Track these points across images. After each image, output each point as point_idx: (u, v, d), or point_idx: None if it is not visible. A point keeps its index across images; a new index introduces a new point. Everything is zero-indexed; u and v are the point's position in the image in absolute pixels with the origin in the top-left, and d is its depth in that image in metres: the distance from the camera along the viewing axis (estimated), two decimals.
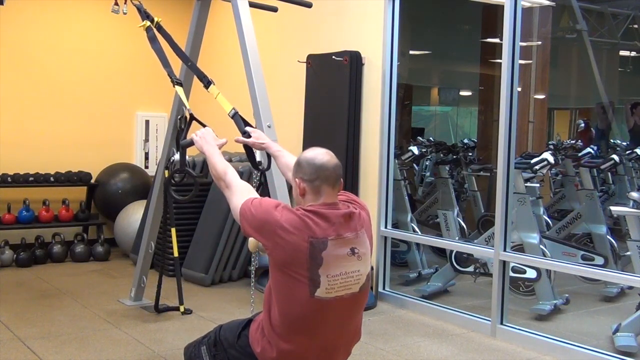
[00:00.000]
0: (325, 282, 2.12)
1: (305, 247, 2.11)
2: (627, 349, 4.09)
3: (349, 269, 2.17)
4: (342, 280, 2.15)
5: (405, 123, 8.16)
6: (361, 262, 2.21)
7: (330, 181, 2.22)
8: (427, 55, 9.28)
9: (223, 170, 2.43)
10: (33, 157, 6.70)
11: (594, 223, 5.72)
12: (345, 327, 2.27)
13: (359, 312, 2.32)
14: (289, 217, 2.14)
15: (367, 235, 2.27)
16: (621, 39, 8.12)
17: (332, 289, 2.13)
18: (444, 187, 6.29)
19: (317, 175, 2.20)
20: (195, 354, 2.46)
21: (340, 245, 2.16)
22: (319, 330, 2.20)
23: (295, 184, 2.26)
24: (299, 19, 5.91)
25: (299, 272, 2.12)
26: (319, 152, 2.27)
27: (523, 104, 6.40)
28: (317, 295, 2.12)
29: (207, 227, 5.82)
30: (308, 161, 2.24)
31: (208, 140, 2.61)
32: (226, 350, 2.37)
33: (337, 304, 2.17)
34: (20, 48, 6.68)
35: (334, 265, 2.14)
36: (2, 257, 6.20)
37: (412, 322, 4.83)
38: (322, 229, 2.14)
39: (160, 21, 4.08)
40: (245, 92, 4.01)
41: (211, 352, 2.41)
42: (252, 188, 2.37)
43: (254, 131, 2.88)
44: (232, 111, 3.16)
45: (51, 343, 4.15)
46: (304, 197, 2.24)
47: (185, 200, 4.49)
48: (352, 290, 2.19)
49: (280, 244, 2.12)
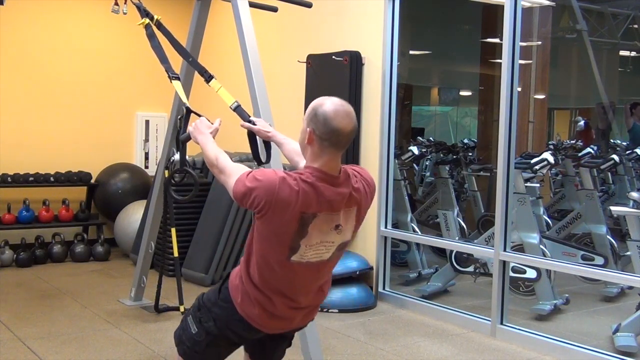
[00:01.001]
0: (303, 249, 2.20)
1: (295, 222, 2.15)
2: (627, 349, 4.09)
3: (326, 239, 2.23)
4: (315, 249, 2.23)
5: (405, 123, 8.15)
6: (340, 235, 2.26)
7: (339, 146, 2.18)
8: (427, 55, 9.28)
9: (215, 156, 2.41)
10: (33, 157, 6.70)
11: (594, 223, 5.72)
12: (308, 287, 2.34)
13: (324, 277, 2.39)
14: (285, 190, 2.12)
15: (359, 211, 2.28)
16: (621, 39, 8.12)
17: (306, 255, 2.22)
18: (444, 187, 6.29)
19: (330, 137, 2.14)
20: (183, 328, 2.47)
21: (328, 221, 2.20)
22: (287, 287, 2.29)
23: (306, 131, 2.18)
24: (299, 19, 5.91)
25: (283, 240, 2.18)
26: (340, 111, 2.15)
27: (523, 104, 6.40)
28: (292, 259, 2.21)
29: (207, 227, 5.82)
30: (326, 118, 2.13)
31: (201, 130, 2.58)
32: (210, 310, 2.39)
33: (305, 268, 2.25)
34: (20, 48, 6.68)
35: (315, 236, 2.20)
36: (2, 257, 6.20)
37: (412, 322, 4.83)
38: (315, 204, 2.15)
39: (160, 19, 4.08)
40: (245, 92, 4.01)
41: (196, 317, 2.42)
42: (245, 167, 2.32)
43: (259, 120, 2.88)
44: (235, 104, 3.15)
45: (51, 343, 4.15)
46: (310, 146, 2.18)
47: (185, 200, 4.48)
48: (322, 258, 2.27)
49: (273, 216, 2.14)
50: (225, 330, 2.36)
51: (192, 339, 2.40)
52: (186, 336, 2.43)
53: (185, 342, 2.43)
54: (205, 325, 2.37)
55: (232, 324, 2.35)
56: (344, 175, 2.23)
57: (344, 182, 2.22)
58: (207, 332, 2.37)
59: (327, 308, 4.99)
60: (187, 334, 2.42)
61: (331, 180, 2.18)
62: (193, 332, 2.40)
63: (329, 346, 4.21)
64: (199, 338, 2.38)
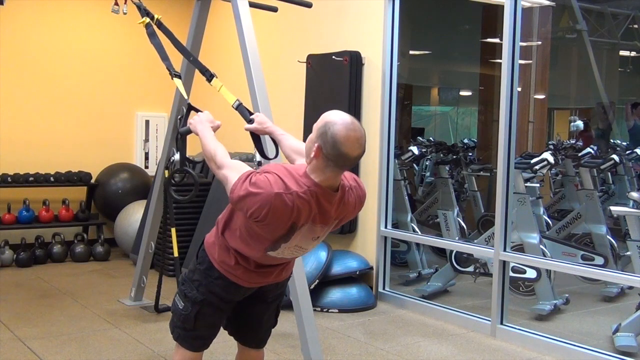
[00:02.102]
0: (281, 249, 2.31)
1: (284, 231, 2.22)
2: (627, 349, 4.09)
3: (303, 245, 2.33)
4: (292, 250, 2.34)
5: (405, 123, 8.15)
6: (315, 242, 2.36)
7: (343, 168, 2.21)
8: (427, 55, 9.28)
9: (213, 150, 2.42)
10: (33, 157, 6.70)
11: (594, 223, 5.72)
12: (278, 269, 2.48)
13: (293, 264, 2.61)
14: (278, 209, 2.15)
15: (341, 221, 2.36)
16: (621, 39, 8.12)
17: (282, 253, 2.34)
18: (444, 187, 6.29)
19: (336, 159, 2.14)
20: (172, 310, 2.54)
21: (311, 231, 2.28)
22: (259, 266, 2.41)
23: (314, 145, 2.15)
24: (299, 19, 5.91)
25: (267, 241, 2.27)
26: (351, 137, 2.12)
27: (523, 104, 6.40)
28: (269, 253, 2.32)
29: (207, 227, 5.76)
30: (335, 142, 2.10)
31: (202, 121, 2.61)
32: (191, 280, 2.46)
33: (279, 260, 2.41)
34: (20, 48, 6.68)
35: (295, 242, 2.29)
36: (2, 257, 6.20)
37: (412, 322, 4.83)
38: (306, 216, 2.20)
39: (160, 18, 4.08)
40: (245, 92, 4.01)
41: (181, 292, 2.48)
42: (244, 164, 2.34)
43: (257, 116, 2.88)
44: (236, 102, 3.16)
45: (51, 343, 4.15)
46: (315, 158, 2.17)
47: (185, 200, 4.48)
48: (295, 256, 2.42)
49: (261, 226, 2.21)
50: (208, 295, 2.42)
51: (181, 315, 2.45)
52: (177, 317, 2.49)
53: (177, 323, 2.49)
54: (189, 296, 2.43)
55: (213, 285, 2.41)
56: (341, 192, 2.26)
57: (339, 200, 2.26)
58: (192, 302, 2.43)
59: (327, 308, 4.99)
60: (177, 314, 2.49)
61: (328, 197, 2.22)
62: (181, 307, 2.46)
63: (329, 346, 4.21)
64: (187, 311, 2.43)
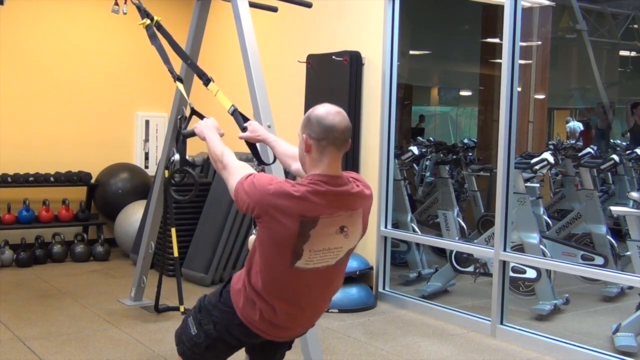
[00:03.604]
0: (307, 255, 2.18)
1: (295, 227, 2.13)
2: (627, 349, 4.09)
3: (332, 245, 2.22)
4: (322, 255, 2.21)
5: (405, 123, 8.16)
6: (347, 239, 2.24)
7: (337, 143, 2.19)
8: (427, 55, 9.29)
9: (220, 151, 2.44)
10: (33, 157, 6.70)
11: (594, 223, 5.72)
12: (313, 294, 2.33)
13: (331, 283, 2.37)
14: (282, 196, 2.13)
15: (363, 215, 2.28)
16: (621, 39, 8.13)
17: (312, 261, 2.20)
18: (444, 187, 6.29)
19: (326, 135, 2.16)
20: (183, 328, 2.48)
21: (331, 224, 2.18)
22: (291, 295, 2.27)
23: (302, 139, 2.21)
24: (299, 19, 5.91)
25: (286, 246, 2.16)
26: (331, 110, 2.19)
27: (523, 104, 6.41)
28: (297, 265, 2.18)
29: (207, 227, 5.82)
30: (318, 119, 2.17)
31: (209, 126, 2.65)
32: (210, 312, 2.39)
33: (312, 274, 2.23)
34: (20, 48, 6.67)
35: (318, 241, 2.18)
36: (2, 257, 6.20)
37: (412, 322, 4.83)
38: (316, 207, 2.14)
39: (160, 20, 4.09)
40: (245, 91, 4.01)
41: (197, 319, 2.42)
42: (249, 166, 2.34)
43: (250, 124, 2.88)
44: (232, 108, 3.17)
45: (51, 343, 4.15)
46: (309, 154, 2.20)
47: (185, 200, 4.49)
48: (328, 263, 2.25)
49: (271, 223, 2.14)
50: (224, 334, 2.36)
51: (192, 340, 2.40)
52: (186, 337, 2.43)
53: (185, 343, 2.43)
54: (205, 328, 2.37)
55: (232, 328, 2.34)
56: (346, 177, 2.24)
57: (347, 182, 2.23)
58: (206, 335, 2.37)
59: (327, 308, 4.98)
60: (186, 335, 2.43)
61: (333, 181, 2.19)
62: (193, 333, 2.40)
63: (329, 346, 4.21)
64: (198, 340, 2.38)
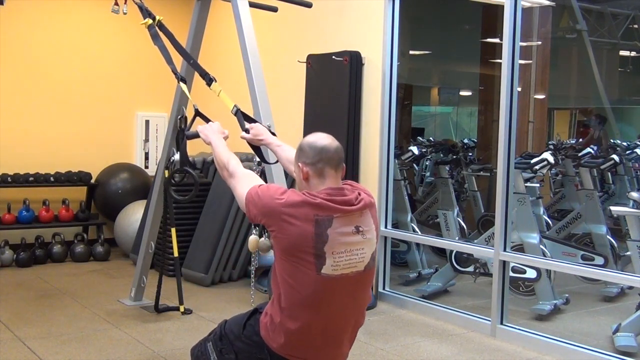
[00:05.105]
0: (331, 259, 2.14)
1: (311, 227, 2.12)
2: (627, 349, 4.09)
3: (353, 246, 2.19)
4: (347, 258, 2.17)
5: (405, 123, 8.16)
6: (366, 240, 2.22)
7: (332, 163, 2.23)
8: (427, 55, 9.28)
9: (227, 159, 2.45)
10: (33, 157, 6.70)
11: (594, 223, 5.72)
12: (349, 306, 2.28)
13: (363, 292, 2.32)
14: (294, 201, 2.14)
15: (372, 218, 2.27)
16: (621, 39, 8.12)
17: (338, 266, 2.16)
18: (444, 187, 6.29)
19: (320, 157, 2.22)
20: (201, 351, 2.45)
21: (346, 223, 2.17)
22: (324, 308, 2.21)
23: (299, 169, 2.26)
24: (299, 19, 5.91)
25: (306, 251, 2.13)
26: (320, 135, 2.28)
27: (523, 104, 6.40)
28: (324, 272, 2.14)
29: (207, 227, 5.82)
30: (310, 144, 2.25)
31: (214, 130, 2.66)
32: (232, 343, 2.36)
33: (342, 282, 2.19)
34: (20, 48, 6.68)
35: (338, 242, 2.15)
36: (2, 257, 6.20)
37: (412, 322, 4.83)
38: (327, 208, 2.15)
39: (162, 19, 4.08)
40: (246, 91, 4.01)
41: (217, 346, 2.39)
42: (256, 175, 2.37)
43: (253, 127, 2.88)
44: (234, 108, 3.17)
45: (51, 343, 4.15)
46: (308, 182, 2.23)
47: (185, 200, 4.49)
48: (357, 268, 2.20)
49: (287, 229, 2.13)
50: None
51: None
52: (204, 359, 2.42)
53: None
54: (225, 357, 2.36)
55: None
56: (347, 189, 2.27)
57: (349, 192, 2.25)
58: None
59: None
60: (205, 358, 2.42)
61: (337, 192, 2.22)
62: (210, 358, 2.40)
63: None
64: None
